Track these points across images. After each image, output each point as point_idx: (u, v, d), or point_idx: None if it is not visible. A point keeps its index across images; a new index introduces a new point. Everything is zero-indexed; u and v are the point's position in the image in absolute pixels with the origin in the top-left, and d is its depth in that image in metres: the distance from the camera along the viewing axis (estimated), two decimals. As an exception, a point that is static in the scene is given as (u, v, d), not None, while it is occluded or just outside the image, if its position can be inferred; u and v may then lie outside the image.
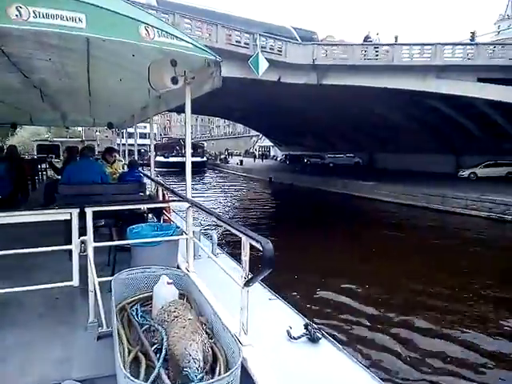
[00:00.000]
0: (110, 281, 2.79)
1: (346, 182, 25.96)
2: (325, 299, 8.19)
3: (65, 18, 2.37)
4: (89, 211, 2.92)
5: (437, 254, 11.65)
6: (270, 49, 20.35)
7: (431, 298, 8.33)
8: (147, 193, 5.86)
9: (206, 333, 2.24)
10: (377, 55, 21.93)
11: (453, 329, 6.97)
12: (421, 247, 12.60)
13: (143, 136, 33.92)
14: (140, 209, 4.63)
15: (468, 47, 22.03)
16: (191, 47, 2.93)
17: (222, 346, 2.18)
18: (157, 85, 3.53)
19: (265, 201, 24.60)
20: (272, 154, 63.40)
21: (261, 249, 2.02)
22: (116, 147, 14.87)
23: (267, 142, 63.12)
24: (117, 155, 8.32)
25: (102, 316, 2.75)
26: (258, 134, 63.40)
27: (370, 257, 11.26)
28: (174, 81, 3.29)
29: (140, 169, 8.47)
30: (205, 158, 52.89)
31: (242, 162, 50.71)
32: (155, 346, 2.17)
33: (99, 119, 10.38)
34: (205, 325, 2.32)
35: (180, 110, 3.77)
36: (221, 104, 29.53)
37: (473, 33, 25.50)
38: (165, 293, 2.62)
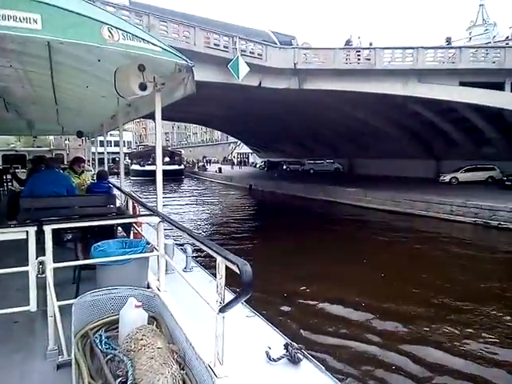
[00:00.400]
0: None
1: (328, 188, 25.68)
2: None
3: (18, 19, 2.16)
4: (47, 229, 2.67)
5: (420, 259, 11.72)
6: (251, 53, 19.89)
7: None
8: (117, 204, 5.59)
9: (178, 362, 2.04)
10: (359, 59, 21.82)
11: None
12: (407, 254, 12.61)
13: (118, 144, 33.15)
14: None
15: (449, 51, 21.94)
16: (160, 51, 2.76)
17: (194, 376, 1.99)
18: (124, 92, 3.32)
19: (246, 209, 24.25)
20: (251, 160, 63.21)
21: (238, 271, 1.82)
22: (91, 156, 14.46)
23: (246, 149, 62.95)
24: (85, 165, 7.99)
25: (63, 343, 2.53)
26: (236, 140, 63.16)
27: (361, 265, 11.06)
28: (143, 87, 3.10)
29: (115, 178, 8.14)
30: (182, 166, 52.30)
31: (220, 169, 50.04)
32: (119, 380, 1.97)
33: (68, 128, 10.02)
34: (176, 353, 2.12)
35: (154, 117, 3.56)
36: (198, 111, 29.16)
37: (449, 38, 25.91)
38: (132, 317, 2.41)
